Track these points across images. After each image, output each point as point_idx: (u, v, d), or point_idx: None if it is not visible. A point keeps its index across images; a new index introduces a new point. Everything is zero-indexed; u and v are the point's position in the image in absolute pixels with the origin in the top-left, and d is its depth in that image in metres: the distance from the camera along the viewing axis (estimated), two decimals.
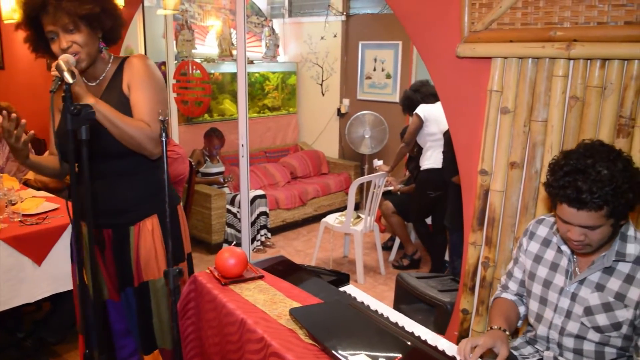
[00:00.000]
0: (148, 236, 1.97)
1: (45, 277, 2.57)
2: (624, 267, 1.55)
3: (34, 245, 2.53)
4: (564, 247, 1.67)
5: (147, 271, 1.98)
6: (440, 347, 1.49)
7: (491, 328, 1.67)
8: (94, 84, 1.94)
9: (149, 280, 1.99)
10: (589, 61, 1.90)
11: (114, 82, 1.92)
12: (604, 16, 1.85)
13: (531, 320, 1.77)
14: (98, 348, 2.04)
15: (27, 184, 3.50)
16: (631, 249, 1.54)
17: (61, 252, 2.60)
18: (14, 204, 2.76)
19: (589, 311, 1.58)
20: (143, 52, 4.80)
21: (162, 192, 1.86)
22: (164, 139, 1.70)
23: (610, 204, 1.43)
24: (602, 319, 1.56)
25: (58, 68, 1.60)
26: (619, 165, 1.45)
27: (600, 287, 1.58)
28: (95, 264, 1.93)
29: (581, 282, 1.61)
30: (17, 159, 1.81)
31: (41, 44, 1.84)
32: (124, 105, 1.87)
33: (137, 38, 4.85)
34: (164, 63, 5.00)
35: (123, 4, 3.95)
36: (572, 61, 1.94)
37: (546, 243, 1.75)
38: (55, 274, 2.60)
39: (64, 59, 1.66)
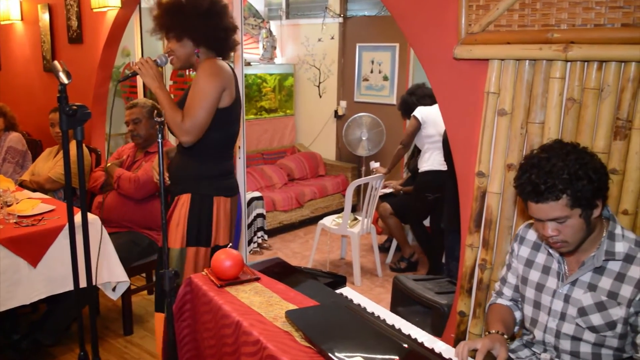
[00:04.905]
0: (178, 209, 2.32)
1: (41, 279, 2.56)
2: (614, 266, 1.56)
3: (30, 247, 2.51)
4: (553, 250, 1.67)
5: (169, 238, 2.29)
6: (437, 350, 1.48)
7: (489, 333, 1.67)
8: None
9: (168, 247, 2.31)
10: (586, 63, 1.90)
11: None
12: (601, 18, 1.86)
13: (527, 324, 1.77)
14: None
15: (22, 185, 3.48)
16: (620, 247, 1.55)
17: (57, 254, 2.58)
18: (9, 205, 2.75)
19: (582, 312, 1.59)
20: (139, 53, 4.79)
21: (207, 179, 2.31)
22: (160, 140, 1.72)
23: (567, 191, 1.47)
24: (596, 319, 1.56)
25: (53, 68, 1.69)
26: (572, 156, 1.50)
27: (592, 287, 1.58)
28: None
29: (573, 283, 1.62)
30: None
31: None
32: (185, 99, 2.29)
33: (133, 39, 4.84)
34: None
35: (120, 5, 3.95)
36: (569, 63, 1.94)
37: (537, 247, 1.76)
38: (51, 276, 2.59)
39: (158, 55, 2.26)
